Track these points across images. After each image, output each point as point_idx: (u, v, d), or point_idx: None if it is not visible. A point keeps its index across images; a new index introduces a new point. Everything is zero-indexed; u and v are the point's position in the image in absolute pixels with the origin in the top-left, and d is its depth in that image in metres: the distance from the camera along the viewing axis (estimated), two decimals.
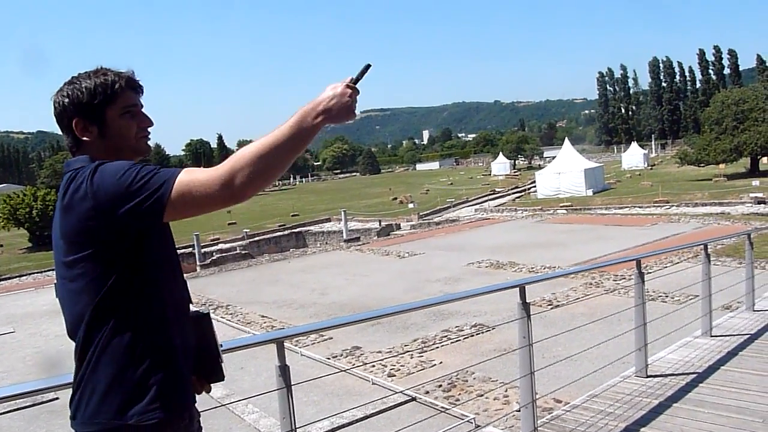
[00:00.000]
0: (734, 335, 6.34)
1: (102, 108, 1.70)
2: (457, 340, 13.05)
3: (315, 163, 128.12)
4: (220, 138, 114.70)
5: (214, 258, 27.95)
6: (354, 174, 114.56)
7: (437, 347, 12.82)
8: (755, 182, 41.53)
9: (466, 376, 10.79)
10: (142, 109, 1.80)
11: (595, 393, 4.66)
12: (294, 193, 72.64)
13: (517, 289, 3.89)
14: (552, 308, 12.83)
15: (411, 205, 48.42)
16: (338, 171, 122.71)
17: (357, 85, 1.67)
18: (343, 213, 36.21)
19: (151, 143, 1.84)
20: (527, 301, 3.81)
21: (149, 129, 1.82)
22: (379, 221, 39.94)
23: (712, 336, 6.29)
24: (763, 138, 45.94)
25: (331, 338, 12.05)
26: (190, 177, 1.55)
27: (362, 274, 20.91)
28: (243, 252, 30.65)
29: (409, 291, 17.53)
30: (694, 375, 5.05)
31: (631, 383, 4.88)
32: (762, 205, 34.19)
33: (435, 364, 11.20)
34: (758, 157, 48.55)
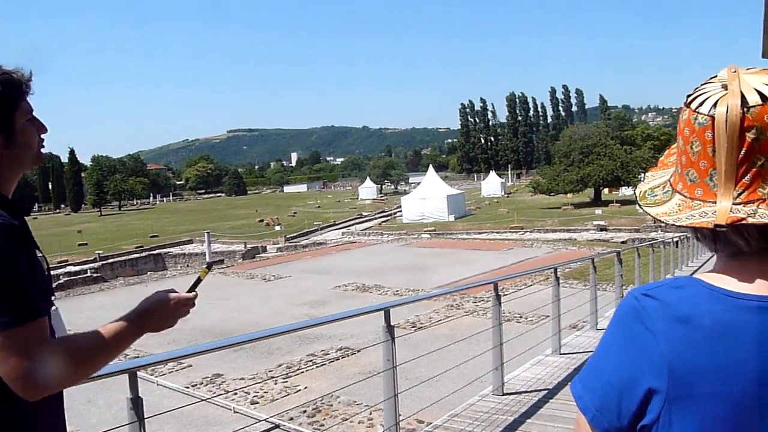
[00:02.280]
0: (580, 353, 6.85)
1: (11, 112, 1.40)
2: (322, 364, 12.98)
3: (177, 183, 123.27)
4: (72, 153, 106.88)
5: (60, 282, 25.81)
6: (219, 195, 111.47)
7: (302, 372, 12.67)
8: (598, 211, 45.53)
9: (331, 400, 10.74)
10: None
11: (455, 412, 4.82)
12: (153, 213, 69.14)
13: (382, 312, 3.95)
14: (415, 330, 13.16)
15: (278, 228, 47.82)
16: (202, 191, 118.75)
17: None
18: (206, 234, 34.95)
19: None
20: (392, 323, 3.88)
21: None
22: (245, 243, 39.03)
23: (561, 354, 6.76)
24: (605, 171, 50.61)
25: (191, 366, 11.51)
26: (10, 345, 1.29)
27: (225, 297, 20.25)
28: (94, 275, 28.60)
29: (274, 315, 17.23)
30: (545, 391, 5.38)
31: (489, 401, 5.10)
32: (603, 231, 37.49)
33: (300, 389, 11.05)
34: (600, 188, 53.31)
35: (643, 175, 48.19)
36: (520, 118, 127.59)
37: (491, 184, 75.13)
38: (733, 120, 0.84)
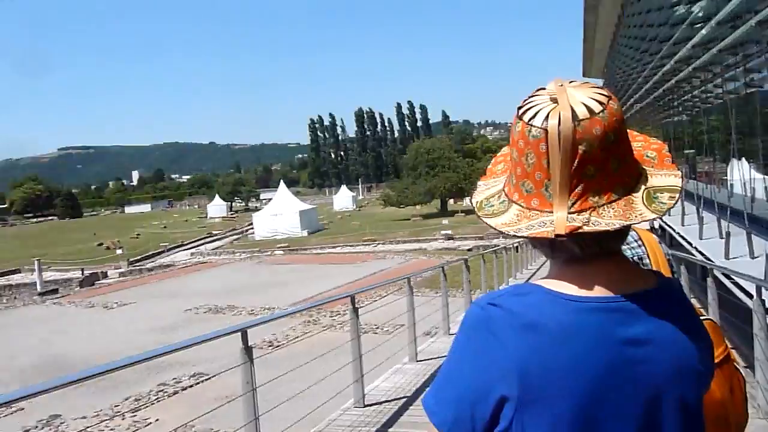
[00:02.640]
0: (435, 358, 7.10)
1: None
2: (175, 393, 12.34)
3: (1, 206, 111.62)
4: None
5: None
6: (51, 218, 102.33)
7: (153, 403, 11.96)
8: (445, 221, 47.63)
9: (187, 430, 10.25)
10: None
11: (319, 428, 4.79)
12: None
13: (239, 333, 3.83)
14: (273, 349, 12.93)
15: (119, 251, 44.82)
16: (30, 215, 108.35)
17: None
18: (36, 262, 31.92)
19: None
20: (250, 344, 3.78)
21: None
22: (82, 270, 36.14)
23: (417, 361, 6.97)
24: (450, 182, 53.18)
25: (23, 409, 10.40)
26: None
27: (62, 330, 18.61)
28: None
29: (119, 344, 16.10)
30: (405, 399, 5.52)
31: (351, 414, 5.13)
32: (451, 240, 39.28)
33: (151, 422, 10.42)
34: (446, 199, 55.87)
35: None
36: (368, 132, 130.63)
37: (343, 199, 75.92)
38: (567, 133, 0.87)
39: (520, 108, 0.95)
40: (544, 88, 0.95)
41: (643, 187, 0.94)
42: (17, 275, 36.65)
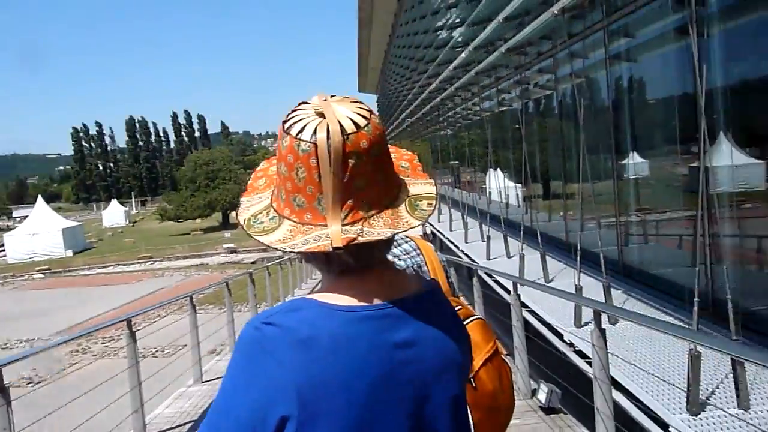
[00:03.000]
0: (221, 377, 6.87)
1: None
2: None
3: None
4: None
5: None
6: None
7: None
8: (227, 234, 46.53)
9: None
10: None
11: None
12: None
13: None
14: (35, 386, 11.53)
15: None
16: None
17: None
18: None
19: None
20: (5, 384, 3.28)
21: None
22: None
23: (203, 382, 6.67)
24: (231, 194, 52.07)
25: None
26: None
27: None
28: None
29: None
30: (191, 423, 5.23)
31: None
32: (234, 254, 38.48)
33: None
34: (228, 212, 54.64)
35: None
36: (141, 143, 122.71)
37: (113, 214, 70.41)
38: (337, 146, 0.89)
39: (285, 122, 0.94)
40: (307, 102, 0.96)
41: (405, 196, 0.99)
42: None
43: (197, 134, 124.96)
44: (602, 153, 8.25)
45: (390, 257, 1.22)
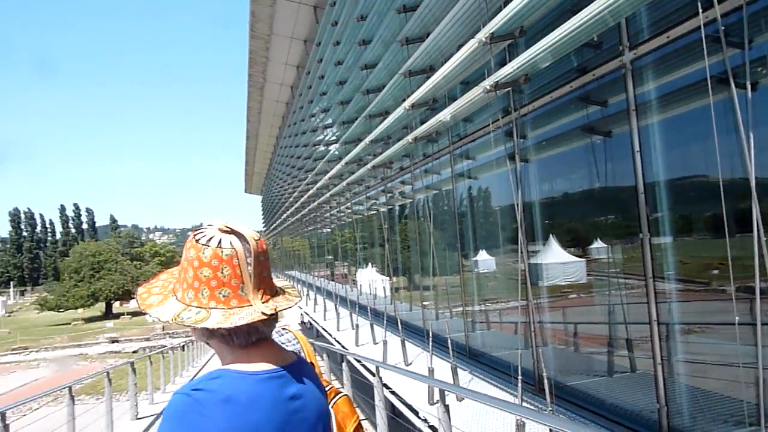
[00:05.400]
0: None
1: None
2: None
3: None
4: None
5: None
6: None
7: None
8: (109, 324, 42.94)
9: None
10: None
11: None
12: None
13: None
14: None
15: None
16: None
17: None
18: None
19: None
20: None
21: None
22: None
23: None
24: (116, 285, 48.58)
25: None
26: None
27: None
28: None
29: None
30: None
31: None
32: (115, 343, 35.40)
33: None
34: (112, 302, 50.68)
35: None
36: (25, 233, 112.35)
37: None
38: (253, 247, 1.16)
39: (200, 239, 1.16)
40: (210, 225, 1.20)
41: (279, 286, 1.27)
42: None
43: (85, 226, 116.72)
44: (451, 251, 8.82)
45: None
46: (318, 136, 17.09)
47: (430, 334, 6.92)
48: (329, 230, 22.46)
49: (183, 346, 18.07)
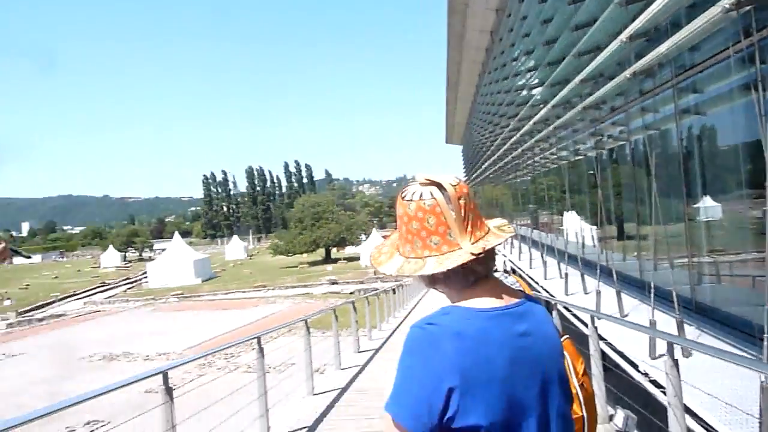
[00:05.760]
0: (330, 391, 7.07)
1: None
2: None
3: None
4: None
5: None
6: None
7: None
8: (329, 267, 47.62)
9: None
10: None
11: None
12: None
13: (161, 375, 3.70)
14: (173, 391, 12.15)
15: (7, 302, 40.50)
16: None
17: None
18: None
19: None
20: (170, 386, 3.65)
21: None
22: None
23: (314, 394, 6.91)
24: (333, 233, 53.43)
25: None
26: None
27: None
28: None
29: (9, 397, 14.49)
30: (305, 429, 5.46)
31: None
32: (335, 285, 39.27)
33: None
34: (330, 248, 55.96)
35: (364, 236, 51.22)
36: (258, 188, 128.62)
37: (235, 248, 73.70)
38: (452, 193, 1.20)
39: (404, 196, 1.25)
40: (413, 181, 1.28)
41: (490, 224, 1.30)
42: None
43: (305, 180, 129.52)
44: (671, 197, 7.99)
45: None
46: (520, 81, 16.50)
47: (652, 286, 6.42)
48: (532, 177, 21.84)
49: (393, 289, 19.29)
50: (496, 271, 2.57)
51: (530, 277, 14.06)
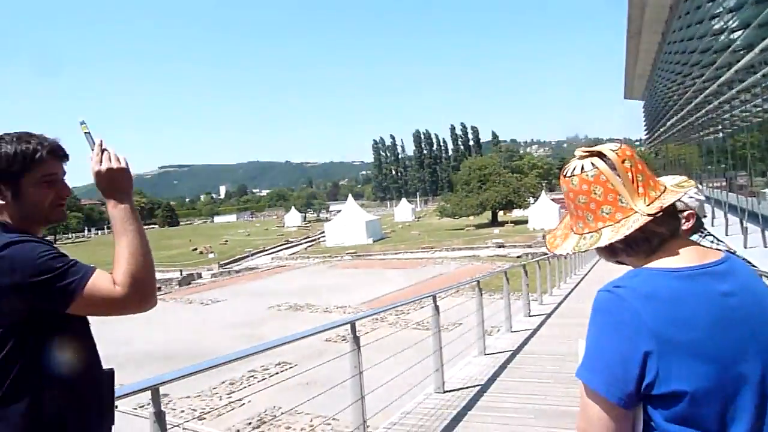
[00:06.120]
0: (501, 352, 7.09)
1: (18, 175, 1.52)
2: (263, 379, 12.71)
3: None
4: None
5: None
6: (153, 226, 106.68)
7: (245, 387, 12.37)
8: (496, 230, 47.14)
9: (274, 411, 10.54)
10: (64, 177, 1.61)
11: (407, 410, 4.89)
12: (88, 246, 64.76)
13: (349, 325, 4.01)
14: (347, 342, 13.08)
15: (211, 255, 46.39)
16: None
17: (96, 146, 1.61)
18: None
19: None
20: (357, 335, 3.94)
21: (66, 197, 1.62)
22: (181, 271, 37.57)
23: (486, 354, 6.98)
24: (500, 196, 52.60)
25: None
26: (97, 284, 1.44)
27: (169, 322, 19.39)
28: None
29: (217, 334, 16.72)
30: (479, 387, 5.54)
31: (434, 399, 5.20)
32: (502, 248, 38.83)
33: (244, 403, 10.75)
34: (497, 211, 55.29)
35: (532, 199, 49.90)
36: (425, 151, 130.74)
37: (403, 210, 76.14)
38: (613, 159, 1.15)
39: (566, 173, 1.21)
40: (573, 157, 1.22)
41: (667, 182, 1.23)
42: None
43: (471, 143, 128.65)
44: None
45: None
46: (717, 24, 14.53)
47: None
48: (728, 134, 19.34)
49: (565, 255, 18.54)
50: (700, 232, 2.37)
51: (725, 245, 12.60)
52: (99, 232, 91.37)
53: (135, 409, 8.69)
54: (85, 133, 1.60)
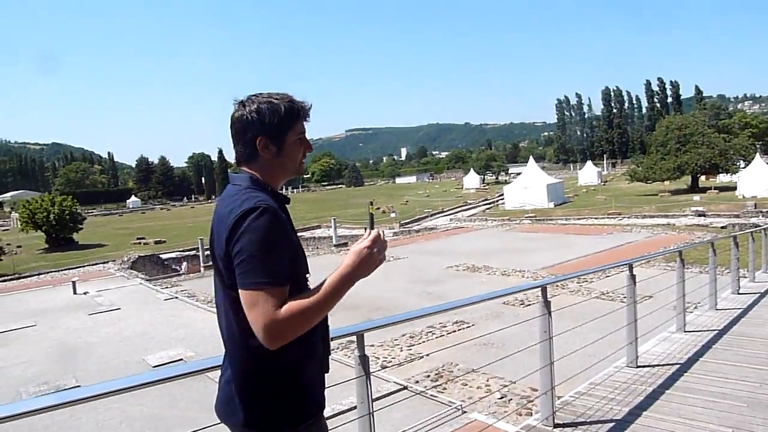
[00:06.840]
0: (704, 331, 6.40)
1: (285, 131, 1.71)
2: (441, 336, 13.03)
3: (304, 176, 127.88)
4: (220, 152, 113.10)
5: None
6: (340, 186, 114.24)
7: (423, 342, 12.80)
8: (696, 197, 42.30)
9: (451, 367, 10.78)
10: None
11: (595, 381, 4.67)
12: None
13: (540, 289, 3.90)
14: (524, 307, 12.85)
15: (393, 215, 48.38)
16: (326, 183, 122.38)
17: (373, 230, 1.77)
18: (333, 220, 35.97)
19: (157, 155, 1.87)
20: (548, 299, 3.81)
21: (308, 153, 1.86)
22: (365, 228, 39.74)
23: (685, 331, 6.36)
24: (702, 159, 46.88)
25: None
26: (260, 302, 1.54)
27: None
28: None
29: (400, 290, 17.45)
30: (678, 365, 5.08)
31: (625, 373, 4.89)
32: (702, 217, 34.77)
33: (423, 356, 11.15)
34: (698, 176, 49.50)
35: (743, 163, 43.82)
36: (615, 110, 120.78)
37: (588, 173, 71.76)
38: None
39: None
40: None
41: None
42: (318, 230, 41.74)
43: (669, 100, 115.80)
44: None
45: None
46: None
47: None
48: None
49: None
50: None
51: None
52: (294, 190, 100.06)
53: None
54: (370, 213, 1.82)
